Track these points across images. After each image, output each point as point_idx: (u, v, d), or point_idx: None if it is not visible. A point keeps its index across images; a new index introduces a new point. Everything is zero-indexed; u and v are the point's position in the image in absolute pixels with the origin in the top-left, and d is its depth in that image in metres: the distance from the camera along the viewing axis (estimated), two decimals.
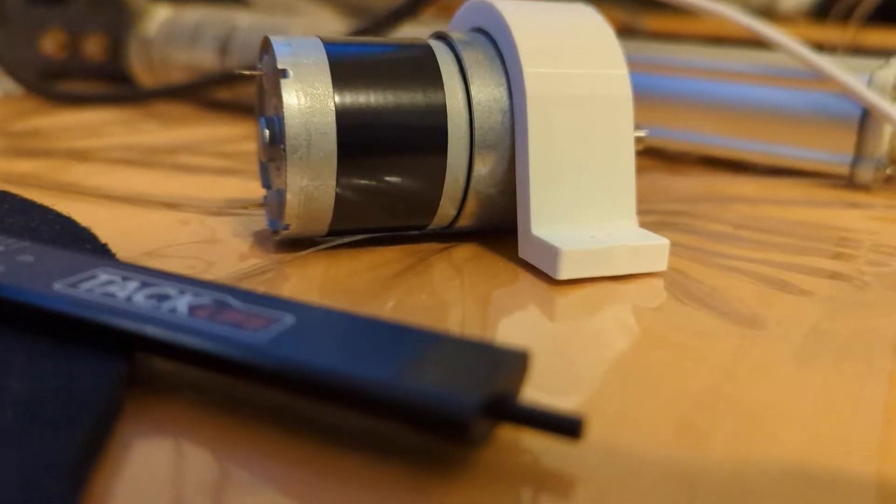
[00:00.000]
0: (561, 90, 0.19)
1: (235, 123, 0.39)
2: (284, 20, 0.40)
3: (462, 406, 0.11)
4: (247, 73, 0.20)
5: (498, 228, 0.21)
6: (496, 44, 0.20)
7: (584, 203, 0.20)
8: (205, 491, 0.11)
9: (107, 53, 0.48)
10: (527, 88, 0.19)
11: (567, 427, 0.11)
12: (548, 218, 0.19)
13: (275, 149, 0.19)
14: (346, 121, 0.18)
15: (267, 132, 0.19)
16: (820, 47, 0.32)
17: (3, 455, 0.10)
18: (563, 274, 0.18)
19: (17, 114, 0.39)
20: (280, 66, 0.18)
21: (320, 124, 0.18)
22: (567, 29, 0.20)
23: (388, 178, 0.19)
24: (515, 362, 0.12)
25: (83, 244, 0.18)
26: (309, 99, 0.18)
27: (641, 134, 0.20)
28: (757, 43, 0.31)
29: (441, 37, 0.21)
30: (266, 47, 0.19)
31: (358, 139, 0.18)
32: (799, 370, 0.15)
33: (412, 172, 0.19)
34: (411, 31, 0.36)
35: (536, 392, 0.14)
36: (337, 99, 0.18)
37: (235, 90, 0.40)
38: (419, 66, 0.19)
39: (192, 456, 0.11)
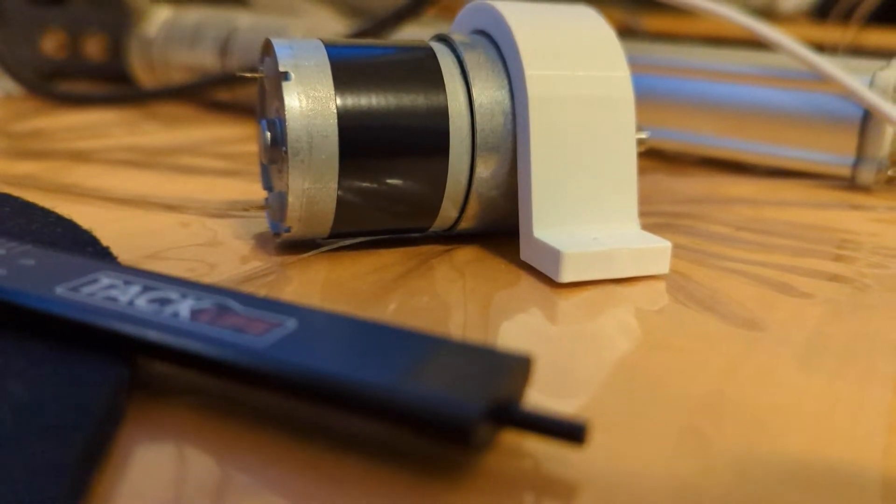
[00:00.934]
0: (563, 92, 0.19)
1: (236, 124, 0.39)
2: (285, 21, 0.40)
3: (465, 411, 0.11)
4: (248, 75, 0.20)
5: (500, 231, 0.21)
6: (498, 46, 0.20)
7: (586, 205, 0.20)
8: (206, 496, 0.11)
9: (107, 54, 0.48)
10: (529, 90, 0.19)
11: (571, 432, 0.11)
12: (550, 220, 0.19)
13: (276, 151, 0.19)
14: (348, 123, 0.18)
15: (268, 134, 0.19)
16: (820, 48, 0.32)
17: (3, 460, 0.10)
18: (565, 277, 0.18)
19: (17, 114, 0.39)
20: (282, 69, 0.18)
21: (322, 127, 0.18)
22: (569, 31, 0.20)
23: (389, 181, 0.19)
24: (518, 367, 0.12)
25: (85, 247, 0.18)
26: (310, 101, 0.18)
27: (643, 136, 0.20)
28: (757, 43, 0.31)
29: (442, 39, 0.21)
30: (267, 49, 0.19)
31: (359, 142, 0.18)
32: (802, 373, 0.15)
33: (414, 175, 0.19)
34: (412, 33, 0.36)
35: (538, 395, 0.14)
36: (338, 101, 0.18)
37: (236, 91, 0.40)
38: (421, 69, 0.19)
39: (193, 461, 0.11)
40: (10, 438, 0.11)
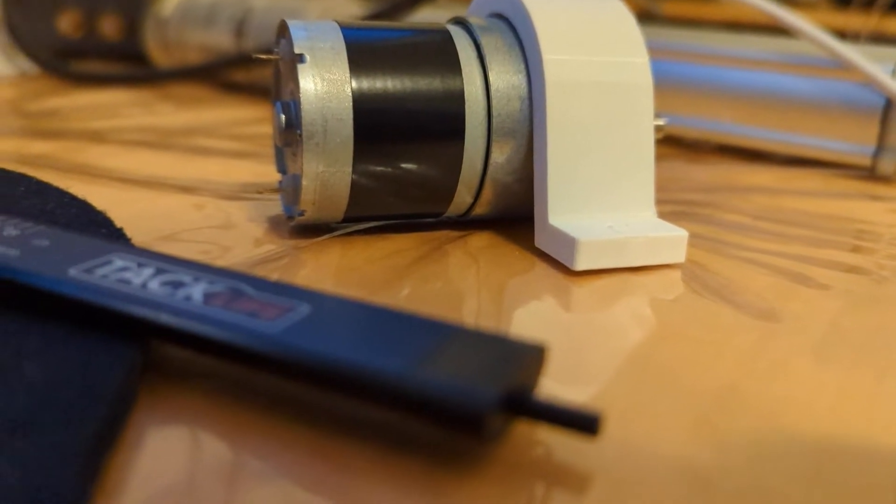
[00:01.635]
0: (581, 77, 0.19)
1: (251, 105, 0.38)
2: (300, 2, 0.40)
3: (478, 401, 0.11)
4: (263, 57, 0.20)
5: (514, 217, 0.21)
6: (515, 30, 0.20)
7: (603, 192, 0.19)
8: (218, 480, 0.11)
9: (122, 33, 0.48)
10: (546, 75, 0.19)
11: (584, 423, 0.11)
12: (565, 207, 0.19)
13: (291, 134, 0.19)
14: (363, 106, 0.18)
15: (283, 117, 0.19)
16: (842, 35, 0.32)
17: (16, 442, 0.10)
18: (580, 264, 0.18)
19: (32, 93, 0.39)
20: (297, 51, 0.18)
21: (337, 110, 0.18)
22: (587, 15, 0.20)
23: (404, 165, 0.19)
24: (532, 356, 0.12)
25: (99, 228, 0.18)
26: (326, 84, 0.18)
27: (661, 122, 0.20)
28: (778, 30, 0.30)
29: (459, 22, 0.21)
30: (283, 31, 0.19)
31: (374, 125, 0.18)
32: (817, 365, 0.15)
33: (429, 159, 0.19)
34: (429, 16, 0.36)
35: (551, 384, 0.13)
36: (354, 84, 0.18)
37: (251, 72, 0.40)
38: (437, 52, 0.19)
39: (206, 445, 0.11)
40: (23, 421, 0.11)
